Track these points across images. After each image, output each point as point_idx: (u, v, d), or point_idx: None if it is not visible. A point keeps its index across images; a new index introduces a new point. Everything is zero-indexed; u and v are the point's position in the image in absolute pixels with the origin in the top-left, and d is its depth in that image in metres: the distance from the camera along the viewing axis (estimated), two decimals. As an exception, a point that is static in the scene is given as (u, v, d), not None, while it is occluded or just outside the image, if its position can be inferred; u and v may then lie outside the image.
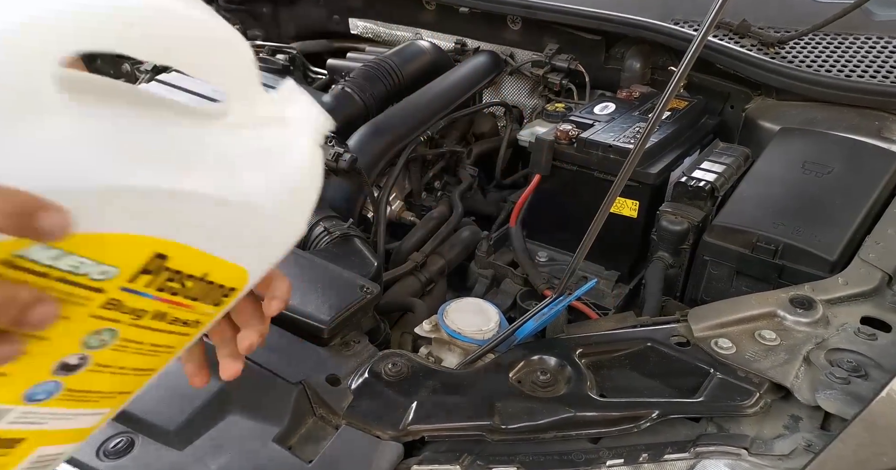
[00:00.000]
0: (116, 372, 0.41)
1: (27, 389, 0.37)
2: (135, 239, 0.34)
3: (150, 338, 0.40)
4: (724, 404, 0.60)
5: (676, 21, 1.15)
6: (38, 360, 0.37)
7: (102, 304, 0.36)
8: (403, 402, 0.60)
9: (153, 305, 0.38)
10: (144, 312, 0.38)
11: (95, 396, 0.41)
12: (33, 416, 0.39)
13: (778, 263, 0.81)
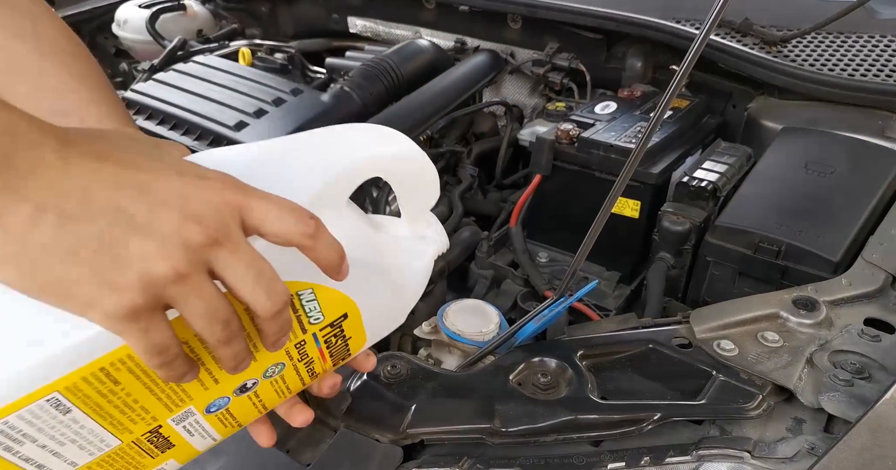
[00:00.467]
0: (255, 404, 0.47)
1: (213, 400, 0.43)
2: (344, 299, 0.45)
3: (291, 380, 0.48)
4: (727, 407, 0.59)
5: (678, 20, 1.15)
6: (234, 377, 0.43)
7: (298, 342, 0.45)
8: (402, 404, 0.59)
9: (315, 353, 0.47)
10: (308, 357, 0.47)
11: (230, 422, 0.47)
12: (194, 426, 0.44)
13: (781, 264, 0.80)
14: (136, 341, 0.33)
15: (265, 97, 1.09)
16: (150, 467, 0.43)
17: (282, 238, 0.36)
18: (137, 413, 0.39)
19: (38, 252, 0.30)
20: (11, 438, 0.35)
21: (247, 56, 1.31)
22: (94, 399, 0.36)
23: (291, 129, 1.03)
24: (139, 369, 0.37)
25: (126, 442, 0.40)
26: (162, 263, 0.32)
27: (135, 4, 1.50)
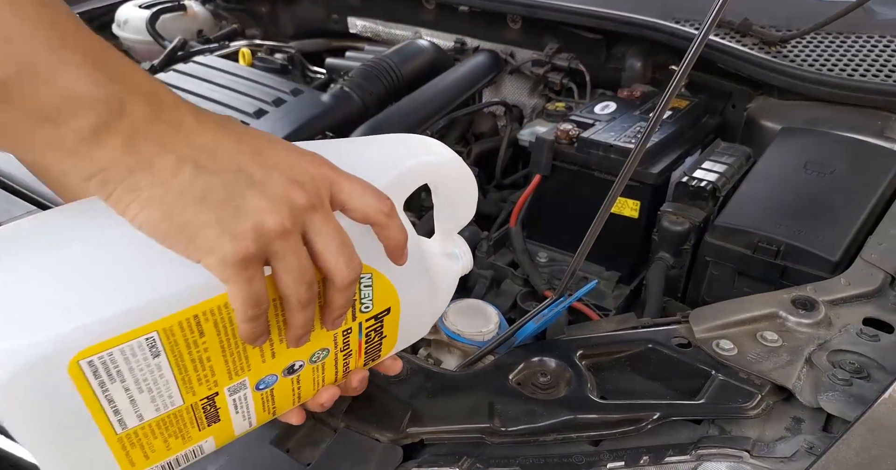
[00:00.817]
0: (293, 390, 0.48)
1: (265, 376, 0.45)
2: (392, 292, 0.47)
3: (328, 371, 0.49)
4: (726, 406, 0.59)
5: (678, 20, 1.15)
6: (289, 354, 0.45)
7: (345, 329, 0.46)
8: (402, 404, 0.60)
9: (355, 345, 0.49)
10: (348, 348, 0.48)
11: (269, 407, 0.48)
12: (241, 403, 0.45)
13: (780, 264, 0.80)
14: (240, 290, 0.36)
15: (265, 97, 1.09)
16: (193, 441, 0.44)
17: (362, 213, 0.41)
18: (206, 373, 0.41)
19: (177, 196, 0.35)
20: (108, 374, 0.37)
21: (247, 56, 1.32)
22: (180, 348, 0.39)
23: (291, 129, 1.03)
24: (222, 324, 0.40)
25: (186, 404, 0.41)
26: (273, 217, 0.36)
27: (135, 5, 1.50)
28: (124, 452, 0.40)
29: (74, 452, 0.39)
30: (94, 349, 0.35)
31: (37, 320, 0.34)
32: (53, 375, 0.35)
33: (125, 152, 0.34)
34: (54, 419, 0.37)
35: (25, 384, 0.34)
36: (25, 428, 0.36)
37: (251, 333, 0.39)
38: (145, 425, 0.41)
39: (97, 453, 0.39)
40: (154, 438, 0.41)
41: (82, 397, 0.36)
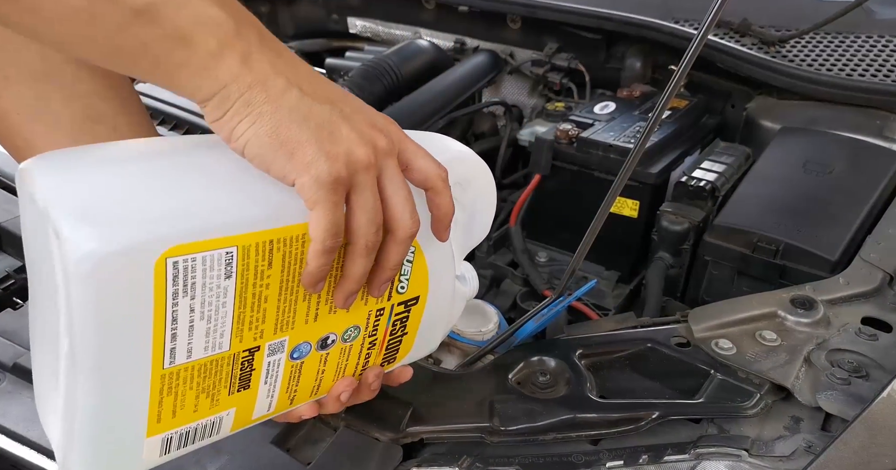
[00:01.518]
0: (318, 375, 0.48)
1: (301, 342, 0.45)
2: (425, 279, 0.49)
3: (351, 359, 0.49)
4: (725, 405, 0.60)
5: (677, 20, 1.15)
6: (328, 322, 0.45)
7: (379, 308, 0.47)
8: (402, 403, 0.60)
9: (381, 334, 0.49)
10: (375, 335, 0.49)
11: (292, 388, 0.47)
12: (272, 371, 0.45)
13: (779, 264, 0.80)
14: (325, 213, 0.39)
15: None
16: (219, 407, 0.44)
17: (423, 175, 0.44)
18: (258, 316, 0.41)
19: (284, 114, 0.38)
20: (184, 283, 0.37)
21: (247, 56, 1.31)
22: (248, 275, 0.39)
23: (291, 129, 1.03)
24: (289, 260, 0.41)
25: (231, 352, 0.42)
26: (361, 148, 0.40)
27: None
28: (159, 398, 0.40)
29: (116, 378, 0.38)
30: (182, 249, 0.37)
31: (137, 211, 0.36)
32: (142, 266, 0.36)
33: (243, 69, 0.37)
34: (120, 326, 0.37)
35: (115, 267, 0.35)
36: (90, 320, 0.36)
37: (316, 271, 0.40)
38: (189, 366, 0.40)
39: (135, 390, 0.39)
40: (189, 388, 0.41)
41: (154, 305, 0.37)
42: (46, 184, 0.37)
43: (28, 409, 0.58)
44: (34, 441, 0.55)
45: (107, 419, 0.39)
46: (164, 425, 0.42)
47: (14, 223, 0.79)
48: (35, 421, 0.56)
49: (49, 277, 0.37)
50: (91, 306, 0.36)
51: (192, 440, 0.44)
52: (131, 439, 0.41)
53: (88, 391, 0.38)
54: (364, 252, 0.41)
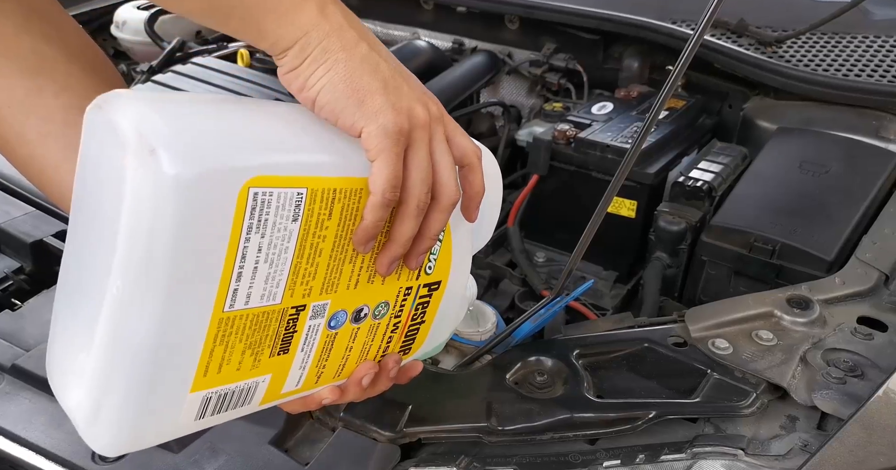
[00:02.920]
0: (345, 353, 0.48)
1: (339, 310, 0.45)
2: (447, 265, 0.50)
3: (376, 340, 0.49)
4: (721, 405, 0.60)
5: (675, 20, 1.15)
6: (365, 292, 0.46)
7: (407, 286, 0.48)
8: (400, 404, 0.60)
9: (404, 317, 0.50)
10: (399, 317, 0.49)
11: (321, 363, 0.47)
12: (310, 338, 0.45)
13: (775, 263, 0.81)
14: (387, 164, 0.40)
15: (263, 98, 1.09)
16: (258, 371, 0.43)
17: (461, 151, 0.45)
18: (311, 270, 0.42)
19: (357, 63, 0.41)
20: (258, 219, 0.38)
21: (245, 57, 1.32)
22: (311, 223, 0.40)
23: (290, 130, 1.03)
24: (347, 213, 0.42)
25: (280, 307, 0.42)
26: (420, 107, 0.42)
27: (133, 6, 1.50)
28: (211, 346, 0.39)
29: (180, 315, 0.37)
30: (263, 181, 0.37)
31: (222, 139, 0.37)
32: (228, 191, 0.36)
33: (321, 18, 0.40)
34: (196, 255, 0.36)
35: (203, 189, 0.35)
36: (170, 244, 0.35)
37: (371, 227, 0.41)
38: (244, 315, 0.40)
39: (193, 333, 0.38)
40: (238, 341, 0.40)
41: (230, 237, 0.37)
42: (133, 110, 0.36)
43: (26, 410, 0.58)
44: (32, 442, 0.55)
45: (158, 364, 0.38)
46: (209, 381, 0.40)
47: (12, 224, 0.79)
48: (33, 422, 0.57)
49: (114, 211, 0.36)
50: (174, 229, 0.35)
51: (226, 407, 0.43)
52: (176, 392, 0.39)
53: (147, 330, 0.36)
54: (415, 212, 0.42)
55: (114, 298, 0.36)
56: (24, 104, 0.50)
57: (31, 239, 0.77)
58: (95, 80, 0.53)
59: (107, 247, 0.36)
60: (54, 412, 0.58)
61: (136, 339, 0.37)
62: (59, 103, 0.51)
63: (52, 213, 0.82)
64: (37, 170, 0.51)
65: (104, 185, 0.38)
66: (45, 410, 0.58)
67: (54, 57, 0.51)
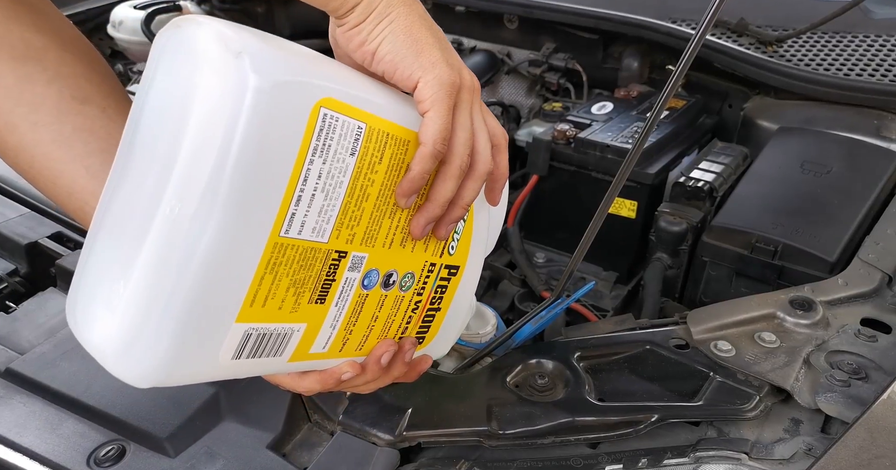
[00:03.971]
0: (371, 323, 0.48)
1: (373, 268, 0.46)
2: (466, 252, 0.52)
3: (398, 317, 0.49)
4: (724, 408, 0.59)
5: (674, 20, 1.15)
6: (397, 256, 0.47)
7: (431, 262, 0.49)
8: (399, 407, 0.59)
9: (425, 297, 0.50)
10: (421, 295, 0.50)
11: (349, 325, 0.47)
12: (345, 292, 0.45)
13: (777, 264, 0.80)
14: (439, 116, 0.42)
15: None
16: (296, 317, 0.43)
17: (492, 130, 0.46)
18: (357, 214, 0.42)
19: (416, 18, 0.43)
20: (323, 141, 0.39)
21: (242, 57, 1.30)
22: (365, 162, 0.41)
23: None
24: (394, 162, 0.43)
25: (326, 247, 0.42)
26: (467, 72, 0.44)
27: (130, 5, 1.49)
28: (262, 273, 0.38)
29: (241, 229, 0.36)
30: (333, 104, 0.39)
31: (298, 60, 0.39)
32: (303, 104, 0.37)
33: None
34: (265, 168, 0.36)
35: (281, 99, 0.36)
36: (243, 154, 0.35)
37: (418, 178, 0.43)
38: (295, 245, 0.39)
39: (250, 252, 0.37)
40: (286, 275, 0.40)
41: (297, 155, 0.37)
42: (217, 25, 0.37)
43: (21, 414, 0.57)
44: (27, 447, 0.55)
45: (209, 287, 0.36)
46: (253, 313, 0.39)
47: (6, 226, 0.78)
48: (28, 427, 0.56)
49: (179, 128, 0.36)
50: (247, 139, 0.35)
51: (261, 352, 0.42)
52: (221, 320, 0.38)
53: (204, 249, 0.35)
54: (457, 173, 0.44)
55: (167, 218, 0.36)
56: (14, 92, 0.49)
57: (26, 241, 0.76)
58: (88, 71, 0.52)
59: (163, 169, 0.36)
60: (49, 416, 0.57)
61: (190, 259, 0.35)
62: (52, 91, 0.50)
63: (47, 215, 0.81)
64: (26, 160, 0.50)
65: (168, 107, 0.38)
66: (40, 414, 0.57)
67: (45, 46, 0.51)
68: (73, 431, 0.56)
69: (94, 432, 0.56)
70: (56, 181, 0.50)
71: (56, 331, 0.66)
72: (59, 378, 0.60)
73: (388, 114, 0.42)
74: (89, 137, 0.51)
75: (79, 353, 0.62)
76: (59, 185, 0.50)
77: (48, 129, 0.50)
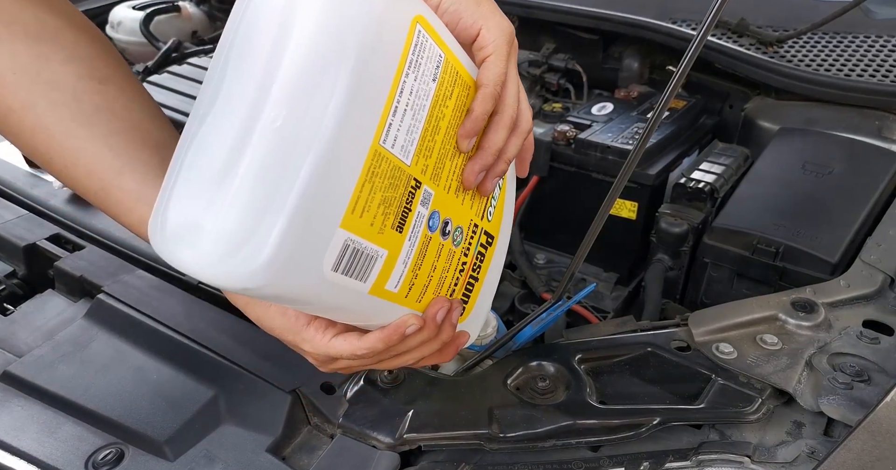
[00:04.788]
0: (430, 270, 0.49)
1: (437, 210, 0.47)
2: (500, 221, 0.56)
3: (449, 274, 0.51)
4: (726, 411, 0.59)
5: (674, 20, 1.14)
6: (453, 202, 0.48)
7: (474, 223, 0.52)
8: (400, 410, 0.59)
9: (470, 257, 0.52)
10: (468, 253, 0.52)
11: (415, 268, 0.47)
12: (417, 226, 0.45)
13: (778, 266, 0.80)
14: (501, 60, 0.45)
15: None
16: (383, 236, 0.43)
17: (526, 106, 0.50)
18: (430, 145, 0.44)
19: None
20: (417, 58, 0.41)
21: (241, 57, 1.30)
22: (441, 91, 0.43)
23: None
24: (458, 103, 0.45)
25: (409, 171, 0.43)
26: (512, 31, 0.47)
27: (129, 6, 1.49)
28: (363, 180, 0.39)
29: (350, 128, 0.37)
30: (425, 23, 0.41)
31: None
32: (405, 16, 0.39)
33: None
34: (374, 71, 0.38)
35: (389, 6, 0.38)
36: (352, 53, 0.37)
37: (479, 118, 0.46)
38: (389, 157, 0.40)
39: (357, 151, 0.38)
40: (379, 189, 0.40)
41: (399, 63, 0.39)
42: None
43: (18, 417, 0.57)
44: (24, 451, 0.54)
45: (320, 189, 0.37)
46: (353, 222, 0.40)
47: (4, 228, 0.78)
48: (26, 430, 0.55)
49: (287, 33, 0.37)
50: (364, 40, 0.37)
51: (354, 268, 0.41)
52: (328, 223, 0.38)
53: (321, 143, 0.36)
54: (507, 123, 0.47)
55: (270, 123, 0.36)
56: (31, 70, 0.48)
57: (24, 243, 0.76)
58: (103, 54, 0.51)
59: (264, 78, 0.37)
60: (47, 420, 0.57)
61: (304, 157, 0.36)
62: (69, 70, 0.49)
63: (45, 217, 0.81)
64: (44, 140, 0.49)
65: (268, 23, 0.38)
66: (38, 417, 0.57)
67: (59, 27, 0.50)
68: (71, 435, 0.56)
69: (92, 436, 0.56)
70: (77, 160, 0.49)
71: (54, 333, 0.65)
72: (58, 381, 0.59)
73: (458, 53, 0.45)
74: (110, 117, 0.50)
75: (77, 355, 0.62)
76: (80, 165, 0.49)
77: (68, 108, 0.48)
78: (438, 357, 0.53)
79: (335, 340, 0.48)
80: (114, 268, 0.72)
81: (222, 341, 0.64)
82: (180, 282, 0.72)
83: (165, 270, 0.73)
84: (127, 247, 0.76)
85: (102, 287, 0.69)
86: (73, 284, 0.71)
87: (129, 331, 0.65)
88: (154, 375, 0.61)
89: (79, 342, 0.64)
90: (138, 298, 0.68)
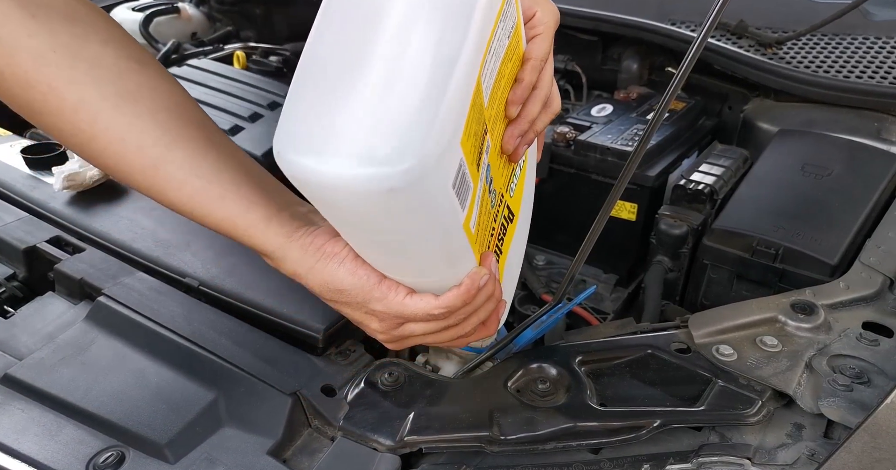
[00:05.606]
0: (483, 219, 0.50)
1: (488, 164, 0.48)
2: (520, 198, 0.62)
3: (488, 231, 0.52)
4: (726, 413, 0.59)
5: (673, 21, 1.14)
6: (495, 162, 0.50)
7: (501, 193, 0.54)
8: (400, 412, 0.59)
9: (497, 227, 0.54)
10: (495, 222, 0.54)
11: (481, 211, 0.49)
12: (463, 182, 0.44)
13: (778, 267, 0.80)
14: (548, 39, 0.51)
15: (260, 101, 1.08)
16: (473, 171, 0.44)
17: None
18: (495, 97, 0.46)
19: None
20: (505, 9, 0.44)
21: (241, 59, 1.31)
22: (509, 49, 0.46)
23: (287, 132, 1.02)
24: (511, 70, 0.49)
25: (486, 112, 0.45)
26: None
27: (128, 7, 1.49)
28: (471, 104, 0.41)
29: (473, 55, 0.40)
30: None
31: None
32: None
33: None
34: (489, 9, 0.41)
35: None
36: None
37: (527, 85, 0.50)
38: (479, 93, 0.43)
39: (469, 78, 0.40)
40: (473, 120, 0.43)
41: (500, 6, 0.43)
42: None
43: (19, 420, 0.57)
44: (25, 454, 0.54)
45: (460, 99, 0.39)
46: (465, 143, 0.42)
47: (5, 230, 0.78)
48: (26, 433, 0.55)
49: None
50: None
51: (461, 191, 0.43)
52: (455, 135, 0.40)
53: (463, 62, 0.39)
54: (543, 98, 0.52)
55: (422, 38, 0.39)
56: (72, 48, 0.47)
57: (25, 245, 0.76)
58: (134, 41, 0.51)
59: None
60: (47, 423, 0.57)
61: (450, 72, 0.39)
62: (109, 51, 0.49)
63: (45, 219, 0.81)
64: (87, 118, 0.48)
65: None
66: (38, 420, 0.57)
67: (91, 12, 0.50)
68: (72, 438, 0.56)
69: (93, 439, 0.56)
70: (125, 136, 0.48)
71: (54, 336, 0.65)
72: (58, 384, 0.59)
73: (520, 27, 0.49)
74: (154, 95, 0.50)
75: (77, 358, 0.62)
76: (129, 140, 0.48)
77: (113, 84, 0.48)
78: (484, 330, 0.56)
79: (410, 297, 0.48)
80: (114, 270, 0.72)
81: (223, 344, 0.64)
82: (180, 284, 0.72)
83: (165, 273, 0.73)
84: (127, 249, 0.76)
85: (103, 289, 0.69)
86: (74, 287, 0.71)
87: (129, 333, 0.65)
88: (154, 378, 0.61)
89: (79, 345, 0.64)
90: (139, 301, 0.68)
